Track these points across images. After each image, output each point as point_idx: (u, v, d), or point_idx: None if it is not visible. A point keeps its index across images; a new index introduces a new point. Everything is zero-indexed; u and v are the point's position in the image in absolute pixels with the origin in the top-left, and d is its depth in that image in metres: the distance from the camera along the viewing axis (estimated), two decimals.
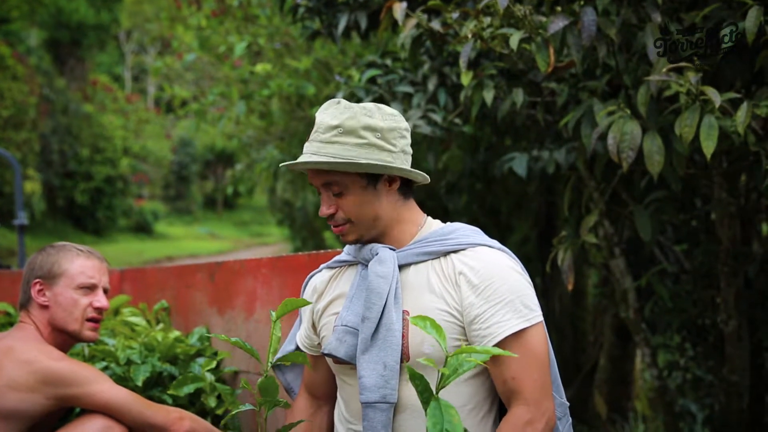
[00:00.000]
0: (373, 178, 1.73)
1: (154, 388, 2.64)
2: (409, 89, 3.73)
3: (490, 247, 1.75)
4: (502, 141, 4.73)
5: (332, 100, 1.75)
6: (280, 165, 1.79)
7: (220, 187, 22.30)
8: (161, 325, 3.05)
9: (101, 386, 2.16)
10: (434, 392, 1.41)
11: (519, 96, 3.11)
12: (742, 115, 2.41)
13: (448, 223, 1.84)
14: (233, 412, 1.76)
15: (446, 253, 1.74)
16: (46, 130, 15.92)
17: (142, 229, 19.87)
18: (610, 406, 5.37)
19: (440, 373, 1.40)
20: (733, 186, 3.29)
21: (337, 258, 1.90)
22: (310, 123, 6.44)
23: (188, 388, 2.51)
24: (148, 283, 3.42)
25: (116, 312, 3.26)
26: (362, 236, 1.77)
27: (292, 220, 11.00)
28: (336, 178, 1.71)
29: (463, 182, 4.82)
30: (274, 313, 1.67)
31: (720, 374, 3.94)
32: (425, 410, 1.40)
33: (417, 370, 1.43)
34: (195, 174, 22.45)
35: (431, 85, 3.73)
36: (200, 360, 2.79)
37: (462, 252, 1.73)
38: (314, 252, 2.31)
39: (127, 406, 2.16)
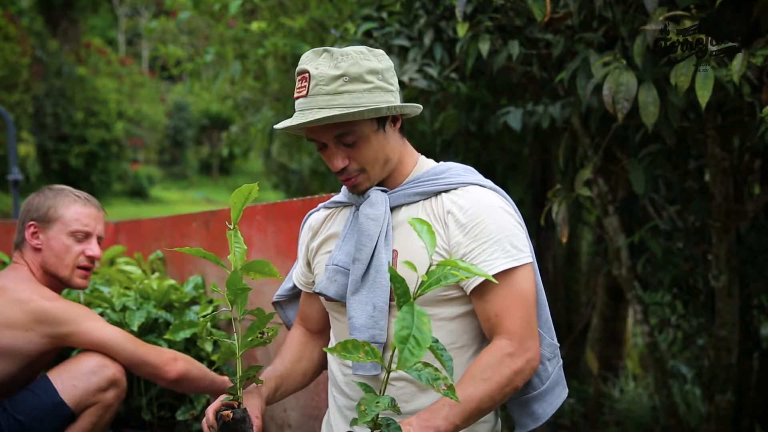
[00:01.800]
0: (381, 120, 1.71)
1: (149, 334, 2.67)
2: (405, 43, 3.71)
3: (481, 186, 1.75)
4: (497, 100, 4.72)
5: (314, 50, 1.69)
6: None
7: (215, 152, 22.20)
8: (156, 275, 3.07)
9: (94, 324, 2.18)
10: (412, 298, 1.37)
11: (515, 48, 3.11)
12: (737, 64, 2.41)
13: (441, 162, 1.84)
14: (210, 314, 1.76)
15: (437, 193, 1.74)
16: (40, 93, 15.80)
17: (137, 193, 19.81)
18: (602, 364, 5.43)
19: (419, 280, 1.39)
20: (726, 141, 3.30)
21: (334, 198, 1.91)
22: None
23: (184, 333, 2.53)
24: (143, 234, 3.43)
25: (111, 262, 3.28)
26: (374, 182, 1.76)
27: (287, 183, 10.96)
28: (350, 128, 1.68)
29: (459, 140, 4.82)
30: (230, 225, 1.68)
31: (710, 330, 3.98)
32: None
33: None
34: (190, 139, 22.33)
35: (427, 40, 3.71)
36: (195, 308, 2.82)
37: (453, 191, 1.73)
38: (308, 197, 2.33)
39: (121, 344, 2.18)
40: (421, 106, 1.78)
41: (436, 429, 1.53)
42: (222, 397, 1.73)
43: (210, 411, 1.70)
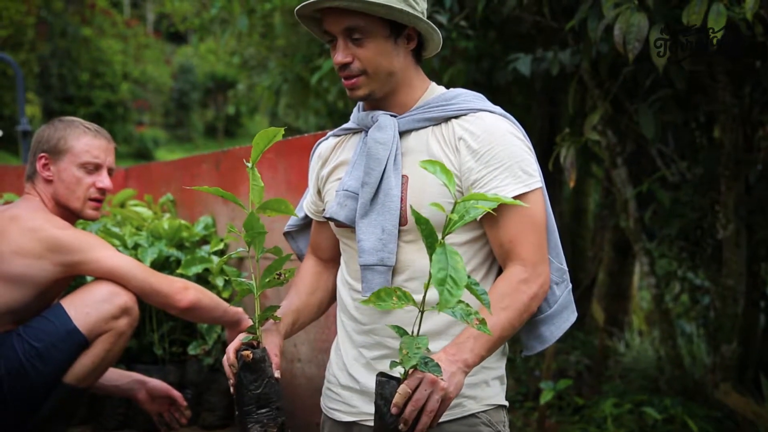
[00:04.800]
0: (395, 30, 1.71)
1: (161, 271, 2.69)
2: None
3: (491, 112, 1.74)
4: (506, 52, 4.70)
5: None
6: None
7: (220, 115, 22.12)
8: (167, 215, 3.09)
9: (106, 253, 2.20)
10: (441, 238, 1.40)
11: None
12: (751, 1, 2.39)
13: (451, 88, 1.84)
14: (227, 256, 1.76)
15: (447, 119, 1.74)
16: (45, 53, 15.73)
17: (143, 155, 19.75)
18: (608, 320, 5.46)
19: (448, 219, 1.41)
20: (737, 87, 3.28)
21: (343, 126, 1.91)
22: (313, 38, 6.37)
23: (196, 268, 2.55)
24: (153, 178, 3.44)
25: (122, 206, 3.30)
26: (373, 92, 1.74)
27: None
28: (361, 22, 1.67)
29: None
30: (248, 163, 1.66)
31: (716, 281, 3.99)
32: (429, 255, 1.40)
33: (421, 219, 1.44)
34: (195, 102, 22.23)
35: None
36: (206, 247, 2.84)
37: (463, 117, 1.73)
38: (319, 132, 2.33)
39: (131, 272, 2.20)
40: (438, 33, 1.75)
41: (464, 362, 1.55)
42: (242, 336, 1.74)
43: (231, 350, 1.71)
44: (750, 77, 3.38)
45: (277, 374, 1.71)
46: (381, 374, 1.52)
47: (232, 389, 1.71)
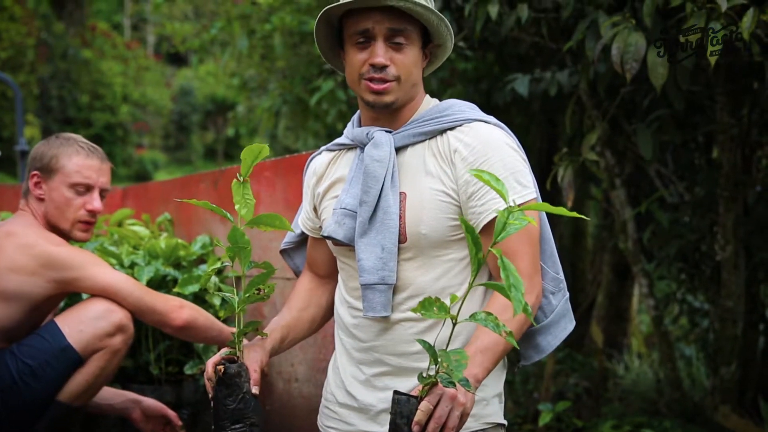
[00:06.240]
0: (424, 44, 1.76)
1: (158, 290, 2.67)
2: None
3: (485, 122, 1.75)
4: (505, 74, 4.72)
5: None
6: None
7: (220, 138, 22.16)
8: (165, 234, 3.07)
9: (101, 269, 2.18)
10: (491, 247, 1.40)
11: (524, 11, 3.09)
12: (747, 20, 2.40)
13: (444, 100, 1.84)
14: (215, 267, 1.74)
15: (442, 131, 1.74)
16: (45, 74, 15.79)
17: (142, 178, 19.76)
18: (607, 342, 5.43)
19: (501, 224, 1.40)
20: (735, 107, 3.29)
21: (336, 141, 1.91)
22: (313, 59, 6.40)
23: (193, 287, 2.53)
24: (150, 197, 3.43)
25: (119, 225, 3.29)
26: (398, 100, 1.75)
27: None
28: (409, 27, 1.70)
29: None
30: (240, 176, 1.65)
31: (716, 302, 3.97)
32: (473, 264, 1.41)
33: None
34: (195, 124, 22.28)
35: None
36: (203, 266, 2.83)
37: (458, 128, 1.74)
38: (316, 150, 2.32)
39: (127, 289, 2.18)
40: (444, 57, 1.81)
41: (474, 377, 1.55)
42: (223, 351, 1.73)
43: (209, 364, 1.70)
44: (748, 98, 3.39)
45: (254, 390, 1.69)
46: (397, 392, 1.50)
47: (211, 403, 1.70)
